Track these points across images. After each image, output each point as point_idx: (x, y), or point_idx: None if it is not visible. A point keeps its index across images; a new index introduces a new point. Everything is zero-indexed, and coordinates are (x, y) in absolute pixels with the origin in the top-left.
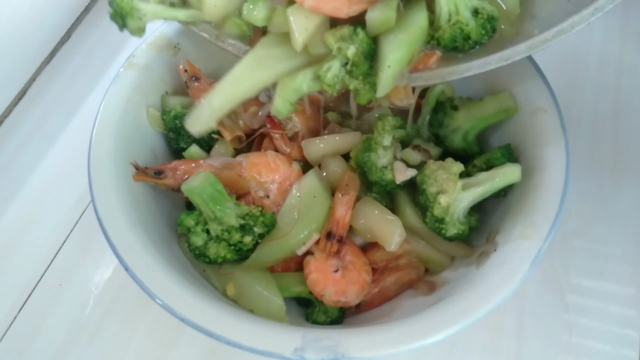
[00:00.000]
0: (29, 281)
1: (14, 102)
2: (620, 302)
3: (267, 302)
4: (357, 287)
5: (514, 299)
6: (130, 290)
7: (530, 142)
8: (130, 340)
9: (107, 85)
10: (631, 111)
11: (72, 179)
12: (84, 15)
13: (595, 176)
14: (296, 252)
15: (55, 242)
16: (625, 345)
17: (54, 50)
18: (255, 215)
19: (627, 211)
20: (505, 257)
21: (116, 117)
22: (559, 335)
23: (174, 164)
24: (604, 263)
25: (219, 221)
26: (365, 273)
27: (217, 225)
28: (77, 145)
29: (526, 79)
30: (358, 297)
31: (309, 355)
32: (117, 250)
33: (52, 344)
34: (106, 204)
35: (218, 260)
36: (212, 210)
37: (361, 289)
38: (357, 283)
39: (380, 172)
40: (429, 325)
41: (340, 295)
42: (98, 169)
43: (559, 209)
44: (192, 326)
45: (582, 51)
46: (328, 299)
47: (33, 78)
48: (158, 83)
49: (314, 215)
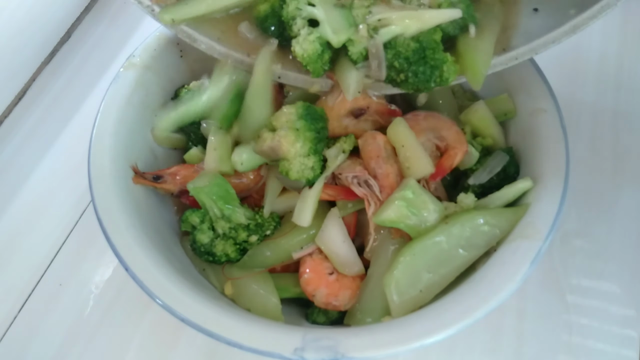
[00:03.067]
0: (29, 281)
1: (14, 102)
2: (620, 302)
3: (263, 301)
4: (349, 292)
5: (514, 299)
6: (130, 290)
7: (530, 142)
8: (130, 340)
9: (107, 85)
10: (631, 111)
11: (72, 179)
12: (84, 15)
13: (595, 176)
14: (292, 255)
15: (55, 242)
16: (625, 345)
17: (54, 50)
18: (262, 215)
19: (627, 211)
20: (505, 257)
21: (116, 117)
22: (559, 335)
23: (174, 169)
24: (604, 263)
25: (227, 219)
26: (360, 280)
27: (225, 223)
28: (77, 145)
29: (526, 79)
30: (349, 303)
31: (309, 355)
32: (117, 250)
33: (52, 344)
34: (106, 204)
35: (222, 258)
36: (220, 209)
37: (353, 295)
38: (350, 289)
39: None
40: (429, 325)
41: (331, 298)
42: (98, 169)
43: (559, 209)
44: (192, 326)
45: (582, 51)
46: (319, 300)
47: (33, 78)
48: (158, 83)
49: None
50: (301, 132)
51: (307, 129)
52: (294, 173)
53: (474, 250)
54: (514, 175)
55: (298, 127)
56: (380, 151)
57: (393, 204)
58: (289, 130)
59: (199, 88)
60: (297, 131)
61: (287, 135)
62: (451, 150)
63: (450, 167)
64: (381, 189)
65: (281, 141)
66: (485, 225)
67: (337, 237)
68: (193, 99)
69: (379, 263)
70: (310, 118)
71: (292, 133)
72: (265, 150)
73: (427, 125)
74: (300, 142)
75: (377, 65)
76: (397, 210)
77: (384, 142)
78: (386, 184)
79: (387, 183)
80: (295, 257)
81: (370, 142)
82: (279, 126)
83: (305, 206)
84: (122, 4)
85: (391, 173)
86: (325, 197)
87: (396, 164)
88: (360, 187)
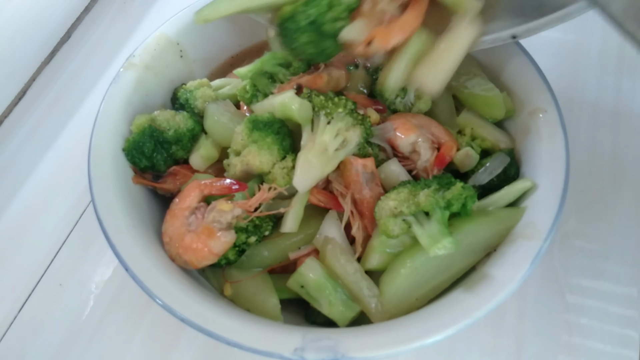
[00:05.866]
0: (29, 281)
1: (14, 102)
2: (620, 302)
3: (262, 301)
4: None
5: (514, 299)
6: (130, 290)
7: (530, 142)
8: (130, 340)
9: (107, 85)
10: (631, 111)
11: (72, 179)
12: (84, 15)
13: (595, 176)
14: (289, 256)
15: (55, 242)
16: (625, 345)
17: (54, 50)
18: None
19: (627, 211)
20: (505, 257)
21: (116, 117)
22: (559, 335)
23: (173, 169)
24: (604, 263)
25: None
26: None
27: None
28: (77, 145)
29: (526, 79)
30: None
31: (309, 355)
32: (117, 250)
33: (52, 344)
34: (106, 204)
35: (222, 261)
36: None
37: None
38: None
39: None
40: (429, 325)
41: None
42: (98, 169)
43: (559, 209)
44: (192, 326)
45: (582, 51)
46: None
47: (33, 78)
48: (158, 83)
49: (311, 222)
50: (260, 142)
51: (265, 136)
52: (281, 180)
53: (473, 256)
54: (514, 176)
55: (256, 140)
56: (359, 176)
57: (374, 254)
58: (250, 145)
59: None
60: (256, 143)
61: (251, 151)
62: (447, 144)
63: (450, 157)
64: (360, 214)
65: (248, 158)
66: (487, 232)
67: (334, 238)
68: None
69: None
70: (262, 125)
71: (253, 147)
72: (241, 175)
73: (417, 122)
74: (265, 150)
75: None
76: (380, 258)
77: (362, 166)
78: (364, 210)
79: (365, 209)
80: (292, 258)
81: (348, 167)
82: (240, 148)
83: (288, 213)
84: (122, 4)
85: (370, 199)
86: (316, 203)
87: (377, 187)
88: (345, 202)
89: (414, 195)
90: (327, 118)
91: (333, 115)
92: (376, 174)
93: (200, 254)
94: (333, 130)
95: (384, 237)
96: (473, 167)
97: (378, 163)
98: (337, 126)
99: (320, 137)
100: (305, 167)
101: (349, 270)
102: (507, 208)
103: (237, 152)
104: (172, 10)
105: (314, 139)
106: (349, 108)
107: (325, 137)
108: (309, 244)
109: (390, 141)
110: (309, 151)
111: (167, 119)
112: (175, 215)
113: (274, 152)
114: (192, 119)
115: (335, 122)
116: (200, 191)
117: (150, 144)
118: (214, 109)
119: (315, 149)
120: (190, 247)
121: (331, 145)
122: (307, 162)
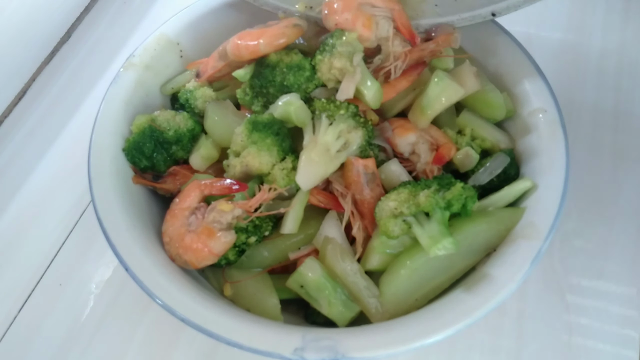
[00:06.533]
0: (29, 281)
1: (14, 102)
2: (620, 302)
3: (262, 301)
4: None
5: (514, 299)
6: (130, 290)
7: (530, 142)
8: (130, 340)
9: (107, 85)
10: (631, 110)
11: (72, 179)
12: (84, 15)
13: (595, 176)
14: (289, 256)
15: (55, 242)
16: (625, 345)
17: (54, 50)
18: (260, 217)
19: (627, 211)
20: (505, 257)
21: (116, 117)
22: (559, 335)
23: (173, 169)
24: (604, 263)
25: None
26: None
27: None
28: (77, 145)
29: (526, 79)
30: None
31: (309, 355)
32: (117, 250)
33: (52, 344)
34: (106, 204)
35: (222, 262)
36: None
37: None
38: None
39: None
40: (429, 325)
41: None
42: (98, 169)
43: (559, 209)
44: (192, 326)
45: (582, 50)
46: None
47: (33, 78)
48: (158, 83)
49: (311, 223)
50: (260, 143)
51: (265, 137)
52: (281, 181)
53: (474, 257)
54: (514, 176)
55: (255, 141)
56: (359, 176)
57: (374, 255)
58: (250, 147)
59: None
60: (256, 144)
61: (250, 152)
62: (446, 145)
63: (449, 156)
64: (361, 214)
65: (248, 159)
66: (487, 232)
67: (334, 238)
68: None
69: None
70: (262, 126)
71: (253, 148)
72: (240, 175)
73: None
74: (264, 151)
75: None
76: (380, 259)
77: (363, 167)
78: (365, 211)
79: (365, 210)
80: (292, 258)
81: (349, 167)
82: (240, 149)
83: (288, 214)
84: (122, 4)
85: (370, 199)
86: (316, 203)
87: (377, 188)
88: (346, 202)
89: (414, 195)
90: (329, 120)
91: (335, 117)
92: (377, 174)
93: (200, 254)
94: (335, 131)
95: (384, 238)
96: (473, 167)
97: (379, 163)
98: (339, 127)
99: (323, 138)
100: (308, 165)
101: (349, 270)
102: (507, 208)
103: (237, 153)
104: (172, 10)
105: (316, 139)
106: (350, 111)
107: (327, 138)
108: (309, 244)
109: (389, 141)
110: (312, 150)
111: (167, 119)
112: (175, 215)
113: (273, 153)
114: (192, 119)
115: (337, 123)
116: (201, 191)
117: (150, 144)
118: (214, 109)
119: (318, 148)
120: (190, 247)
121: (333, 146)
122: (310, 160)
